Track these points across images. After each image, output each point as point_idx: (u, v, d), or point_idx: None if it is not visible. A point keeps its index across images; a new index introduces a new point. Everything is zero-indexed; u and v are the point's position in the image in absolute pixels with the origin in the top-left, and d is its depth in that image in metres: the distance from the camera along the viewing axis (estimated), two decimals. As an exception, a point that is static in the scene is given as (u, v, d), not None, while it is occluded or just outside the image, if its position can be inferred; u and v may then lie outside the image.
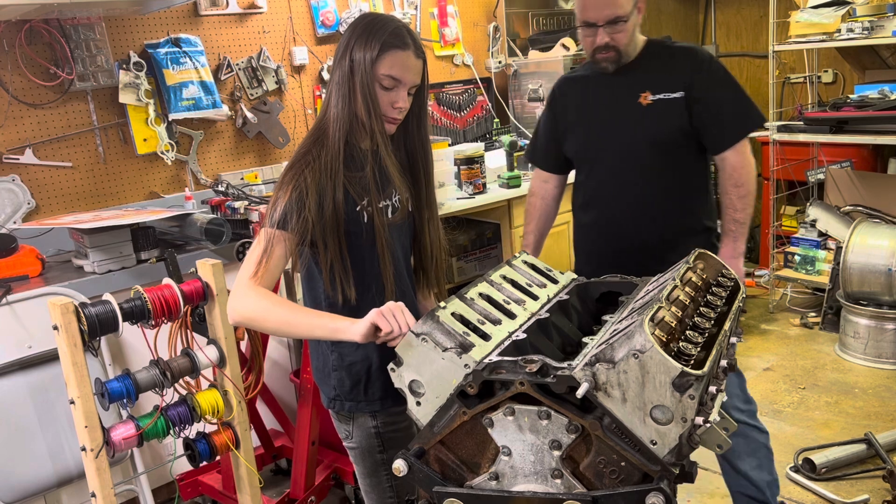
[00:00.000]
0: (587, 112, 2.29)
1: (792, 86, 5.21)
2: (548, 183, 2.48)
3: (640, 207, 2.22)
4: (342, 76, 1.63)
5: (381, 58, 1.60)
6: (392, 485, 1.81)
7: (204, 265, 2.00)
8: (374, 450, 1.77)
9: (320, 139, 1.65)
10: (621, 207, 2.26)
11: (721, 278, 1.56)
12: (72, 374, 1.77)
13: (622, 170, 2.23)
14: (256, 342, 2.24)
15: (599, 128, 2.26)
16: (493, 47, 4.54)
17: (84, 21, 3.09)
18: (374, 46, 1.60)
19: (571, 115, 2.33)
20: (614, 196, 2.27)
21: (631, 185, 2.23)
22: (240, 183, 3.46)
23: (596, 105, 2.27)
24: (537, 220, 2.48)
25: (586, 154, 2.32)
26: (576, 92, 2.34)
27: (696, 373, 1.11)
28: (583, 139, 2.31)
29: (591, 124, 2.28)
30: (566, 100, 2.36)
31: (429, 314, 1.32)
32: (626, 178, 2.23)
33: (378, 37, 1.60)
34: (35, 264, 2.77)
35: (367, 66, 1.60)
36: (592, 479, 1.19)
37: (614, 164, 2.24)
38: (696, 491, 2.81)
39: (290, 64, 3.73)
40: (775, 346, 4.10)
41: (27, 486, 2.51)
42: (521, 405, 1.20)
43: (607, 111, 2.24)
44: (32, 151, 3.04)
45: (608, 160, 2.26)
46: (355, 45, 1.61)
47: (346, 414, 1.75)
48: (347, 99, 1.62)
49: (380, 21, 1.64)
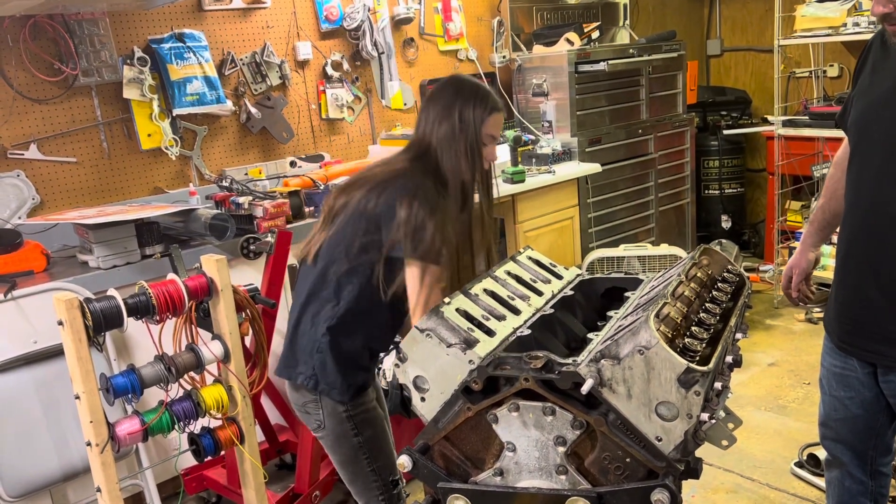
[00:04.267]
0: (872, 83, 1.78)
1: (797, 80, 5.19)
2: (844, 151, 1.93)
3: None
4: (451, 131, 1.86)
5: (487, 120, 1.87)
6: (374, 468, 1.89)
7: (208, 260, 2.00)
8: (349, 434, 1.87)
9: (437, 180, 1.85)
10: (878, 211, 1.73)
11: (726, 274, 1.55)
12: (77, 369, 1.78)
13: (886, 166, 1.70)
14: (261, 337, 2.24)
15: (875, 105, 1.74)
16: (497, 42, 4.53)
17: (88, 16, 3.09)
18: (484, 109, 1.86)
19: (864, 80, 1.82)
20: (873, 195, 1.74)
21: (892, 186, 1.70)
22: (244, 178, 3.45)
23: (883, 76, 1.75)
24: (825, 197, 2.03)
25: (855, 133, 1.82)
26: (878, 53, 1.80)
27: (701, 369, 1.10)
28: (857, 114, 1.80)
29: (869, 97, 1.77)
30: (866, 59, 1.83)
31: (433, 310, 1.32)
32: (890, 176, 1.70)
33: (485, 101, 1.88)
34: (40, 260, 2.77)
35: (477, 126, 1.86)
36: (597, 476, 1.19)
37: (881, 157, 1.71)
38: (700, 486, 2.81)
39: (294, 59, 3.72)
40: (780, 342, 4.09)
41: (33, 481, 2.52)
42: (526, 401, 1.20)
43: (889, 87, 1.72)
44: (37, 147, 3.04)
45: (874, 149, 1.73)
46: (463, 106, 1.86)
47: (315, 397, 1.86)
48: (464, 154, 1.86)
49: (480, 86, 1.92)
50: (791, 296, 2.18)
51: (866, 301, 1.76)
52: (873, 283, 1.73)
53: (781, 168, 4.55)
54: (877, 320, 1.75)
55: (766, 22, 5.30)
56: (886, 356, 1.76)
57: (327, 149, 3.91)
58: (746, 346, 3.90)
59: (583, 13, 4.86)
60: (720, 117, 5.47)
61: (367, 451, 1.89)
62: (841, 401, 1.93)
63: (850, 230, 1.84)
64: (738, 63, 5.69)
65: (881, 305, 1.73)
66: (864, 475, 2.02)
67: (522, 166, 3.91)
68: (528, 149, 4.07)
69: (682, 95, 4.82)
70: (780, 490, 2.78)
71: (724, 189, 5.42)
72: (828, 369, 1.95)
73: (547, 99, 4.31)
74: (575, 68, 4.18)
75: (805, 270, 2.13)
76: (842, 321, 1.87)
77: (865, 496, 2.05)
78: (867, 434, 1.95)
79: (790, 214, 4.87)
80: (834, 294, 1.89)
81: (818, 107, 4.29)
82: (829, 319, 1.94)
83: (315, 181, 3.35)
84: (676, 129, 4.79)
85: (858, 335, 1.82)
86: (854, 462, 2.00)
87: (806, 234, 2.14)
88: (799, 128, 4.31)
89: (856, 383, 1.87)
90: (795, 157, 4.57)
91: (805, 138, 4.52)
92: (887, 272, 1.71)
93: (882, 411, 1.88)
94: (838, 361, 1.90)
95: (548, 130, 4.30)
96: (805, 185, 4.72)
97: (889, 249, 1.71)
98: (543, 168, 3.98)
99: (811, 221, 2.14)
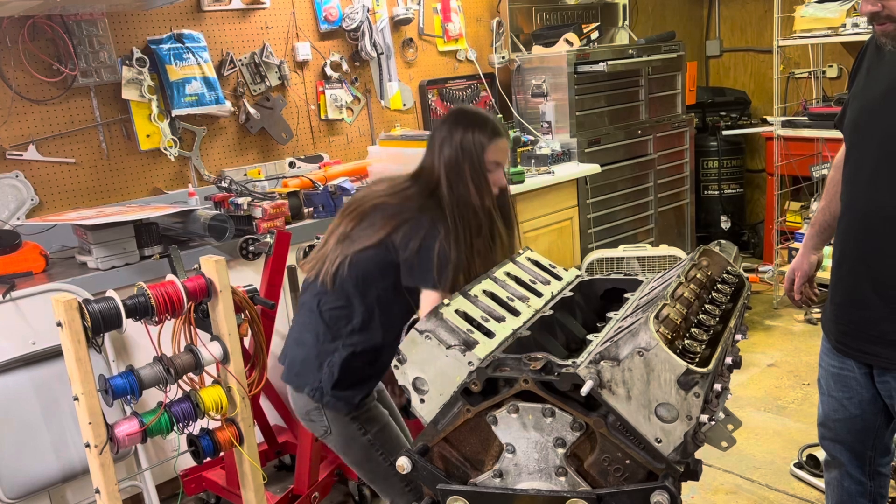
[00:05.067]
0: (866, 85, 1.82)
1: (796, 81, 5.20)
2: (843, 153, 1.95)
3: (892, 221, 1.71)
4: (455, 159, 1.88)
5: (488, 147, 1.88)
6: (391, 462, 1.90)
7: (207, 261, 2.00)
8: (357, 434, 1.90)
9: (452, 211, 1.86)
10: (873, 213, 1.76)
11: (726, 275, 1.55)
12: (75, 370, 1.77)
13: (880, 168, 1.72)
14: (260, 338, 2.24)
15: (869, 107, 1.77)
16: (497, 43, 4.53)
17: (87, 17, 3.08)
18: (485, 135, 1.88)
19: (859, 82, 1.85)
20: (868, 197, 1.77)
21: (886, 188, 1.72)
22: (243, 179, 3.45)
23: (877, 78, 1.77)
24: (825, 199, 2.04)
25: (850, 136, 1.85)
26: (871, 54, 1.83)
27: (701, 370, 1.10)
28: (853, 116, 1.83)
29: (864, 100, 1.80)
30: (861, 61, 1.86)
31: (432, 311, 1.32)
32: (884, 178, 1.72)
33: (485, 127, 1.89)
34: (39, 261, 2.77)
35: (480, 154, 1.88)
36: (597, 477, 1.19)
37: (875, 159, 1.74)
38: (699, 487, 2.81)
39: (293, 59, 3.72)
40: (779, 342, 4.09)
41: (32, 482, 2.52)
42: (526, 403, 1.20)
43: (882, 89, 1.74)
44: (36, 148, 3.04)
45: (868, 151, 1.76)
46: (464, 133, 1.88)
47: (317, 405, 1.89)
48: (471, 180, 1.88)
49: (481, 114, 1.96)
50: (794, 298, 2.18)
51: (862, 303, 1.77)
52: (868, 285, 1.74)
53: (781, 169, 4.55)
54: (872, 322, 1.75)
55: (766, 22, 5.31)
56: (882, 357, 1.77)
57: (326, 149, 3.91)
58: (746, 346, 3.91)
59: (582, 14, 4.86)
60: (719, 118, 5.47)
61: (380, 447, 1.91)
62: (839, 401, 1.93)
63: (845, 232, 1.85)
64: (737, 64, 5.69)
65: (876, 307, 1.73)
66: (862, 475, 2.02)
67: (522, 167, 3.91)
68: (527, 149, 4.07)
69: (681, 96, 4.82)
70: (779, 491, 2.78)
71: (723, 190, 5.42)
72: (826, 370, 1.95)
73: (546, 99, 4.31)
74: (574, 69, 4.19)
75: (807, 273, 2.14)
76: (838, 322, 1.87)
77: (864, 497, 2.06)
78: (865, 434, 1.95)
79: (789, 215, 4.87)
80: (830, 295, 1.90)
81: (817, 107, 4.29)
82: (826, 320, 1.94)
83: (314, 182, 3.35)
84: (676, 130, 4.79)
85: (855, 336, 1.82)
86: (853, 462, 2.01)
87: (807, 237, 2.14)
88: (798, 128, 4.31)
89: (853, 384, 1.87)
90: (795, 158, 4.57)
91: (804, 139, 4.52)
92: (882, 274, 1.72)
93: (880, 412, 1.89)
94: (836, 362, 1.90)
95: (547, 131, 4.30)
96: (804, 186, 4.72)
97: (883, 251, 1.71)
98: (543, 169, 3.98)
99: (812, 224, 2.14)
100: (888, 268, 1.71)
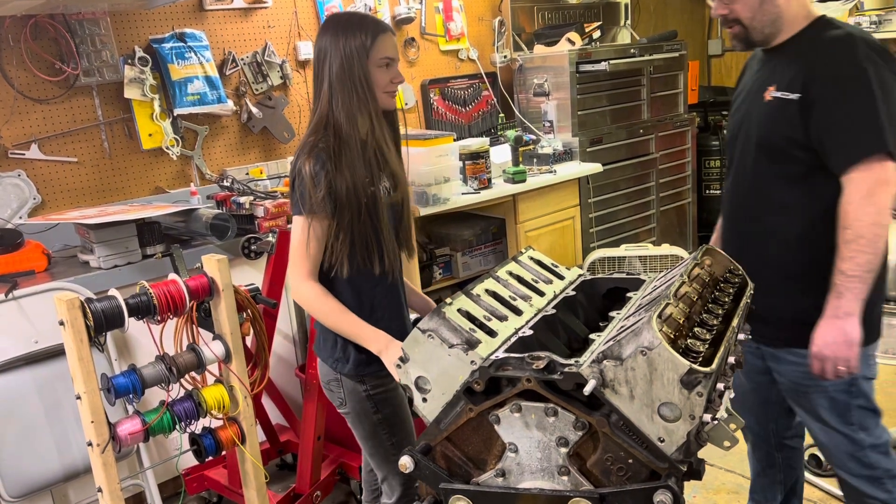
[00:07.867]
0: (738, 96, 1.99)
1: (799, 80, 5.18)
2: None
3: (749, 222, 1.93)
4: (339, 70, 1.80)
5: (374, 45, 1.80)
6: (393, 442, 1.95)
7: (209, 260, 2.00)
8: (369, 412, 1.93)
9: (329, 131, 1.81)
10: (736, 216, 1.99)
11: (728, 274, 1.55)
12: (78, 369, 1.78)
13: (742, 174, 1.93)
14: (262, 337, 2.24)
15: (737, 118, 1.96)
16: (499, 42, 4.52)
17: (89, 16, 3.09)
18: (366, 37, 1.79)
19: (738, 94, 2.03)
20: (732, 202, 2.00)
21: (743, 194, 1.94)
22: (245, 178, 3.45)
23: (743, 90, 1.96)
24: None
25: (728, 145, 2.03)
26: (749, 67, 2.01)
27: (704, 370, 1.10)
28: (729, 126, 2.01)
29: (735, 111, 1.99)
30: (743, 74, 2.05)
31: (435, 310, 1.32)
32: (744, 184, 1.93)
33: (365, 28, 1.80)
34: (41, 259, 2.77)
35: (363, 56, 1.79)
36: (599, 477, 1.19)
37: (739, 166, 1.94)
38: (701, 487, 2.80)
39: (295, 59, 3.72)
40: (781, 342, 4.08)
41: (34, 481, 2.52)
42: (528, 402, 1.20)
43: (745, 100, 1.92)
44: (38, 147, 3.04)
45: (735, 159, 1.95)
46: (344, 41, 1.79)
47: (336, 376, 1.92)
48: (350, 90, 1.80)
49: (356, 15, 1.87)
50: None
51: None
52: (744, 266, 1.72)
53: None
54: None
55: (768, 22, 5.30)
56: (763, 335, 1.92)
57: (328, 149, 3.90)
58: (748, 346, 3.90)
59: (584, 13, 4.86)
60: (721, 117, 5.46)
61: (387, 428, 1.95)
62: (746, 374, 2.10)
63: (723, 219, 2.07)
64: (739, 63, 5.67)
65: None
66: (769, 447, 2.20)
67: (523, 166, 3.91)
68: (529, 149, 4.07)
69: (683, 95, 4.82)
70: (781, 490, 2.78)
71: (725, 189, 5.41)
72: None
73: (548, 99, 4.31)
74: (576, 68, 4.18)
75: None
76: None
77: (774, 468, 2.23)
78: (765, 408, 2.13)
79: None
80: None
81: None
82: None
83: (316, 181, 3.35)
84: (677, 129, 4.79)
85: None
86: (759, 435, 2.19)
87: None
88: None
89: (750, 358, 2.04)
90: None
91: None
92: (747, 254, 1.77)
93: (773, 384, 2.04)
94: None
95: (549, 130, 4.30)
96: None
97: (749, 237, 1.93)
98: (544, 168, 3.98)
99: None
100: (749, 252, 1.83)
